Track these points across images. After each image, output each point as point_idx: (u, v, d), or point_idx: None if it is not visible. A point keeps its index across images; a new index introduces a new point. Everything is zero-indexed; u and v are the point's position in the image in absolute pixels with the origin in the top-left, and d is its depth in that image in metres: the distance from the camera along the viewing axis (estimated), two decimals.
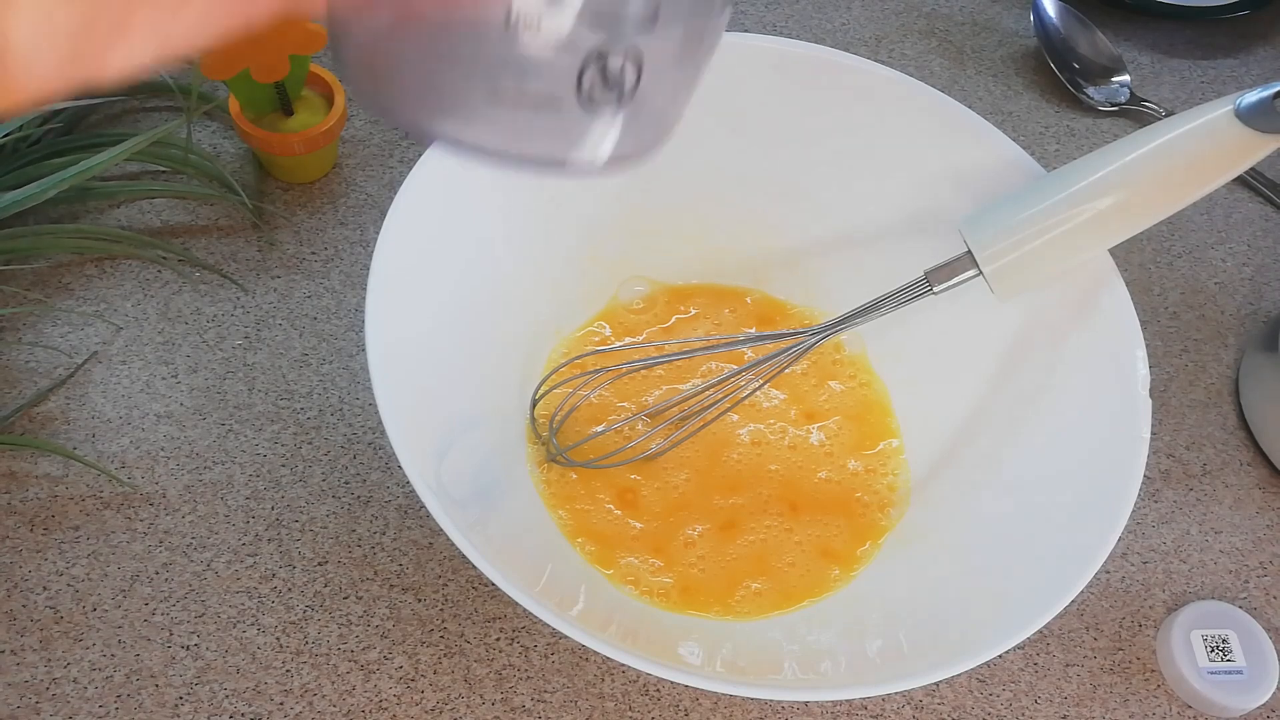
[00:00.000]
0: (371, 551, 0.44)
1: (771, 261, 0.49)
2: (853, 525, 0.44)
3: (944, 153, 0.44)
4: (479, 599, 0.43)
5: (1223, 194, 0.60)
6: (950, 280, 0.40)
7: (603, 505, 0.43)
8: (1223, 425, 0.51)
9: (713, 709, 0.41)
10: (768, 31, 0.64)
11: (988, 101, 0.62)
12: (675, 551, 0.42)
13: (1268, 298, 0.56)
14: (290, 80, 0.49)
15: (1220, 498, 0.49)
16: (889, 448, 0.46)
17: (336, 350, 0.49)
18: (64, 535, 0.43)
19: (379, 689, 0.41)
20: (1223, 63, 0.66)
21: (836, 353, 0.49)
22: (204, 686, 0.40)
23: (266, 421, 0.46)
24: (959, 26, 0.66)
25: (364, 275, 0.37)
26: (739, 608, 0.41)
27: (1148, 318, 0.55)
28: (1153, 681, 0.44)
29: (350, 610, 0.42)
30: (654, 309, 0.49)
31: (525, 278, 0.45)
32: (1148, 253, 0.57)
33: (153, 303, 0.49)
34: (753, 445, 0.46)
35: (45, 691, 0.40)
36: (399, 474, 0.45)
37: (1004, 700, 0.43)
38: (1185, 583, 0.46)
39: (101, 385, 0.47)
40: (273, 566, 0.43)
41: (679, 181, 0.47)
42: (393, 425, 0.34)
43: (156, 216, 0.52)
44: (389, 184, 0.54)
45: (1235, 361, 0.54)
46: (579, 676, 0.42)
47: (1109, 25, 0.65)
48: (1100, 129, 0.62)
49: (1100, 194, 0.39)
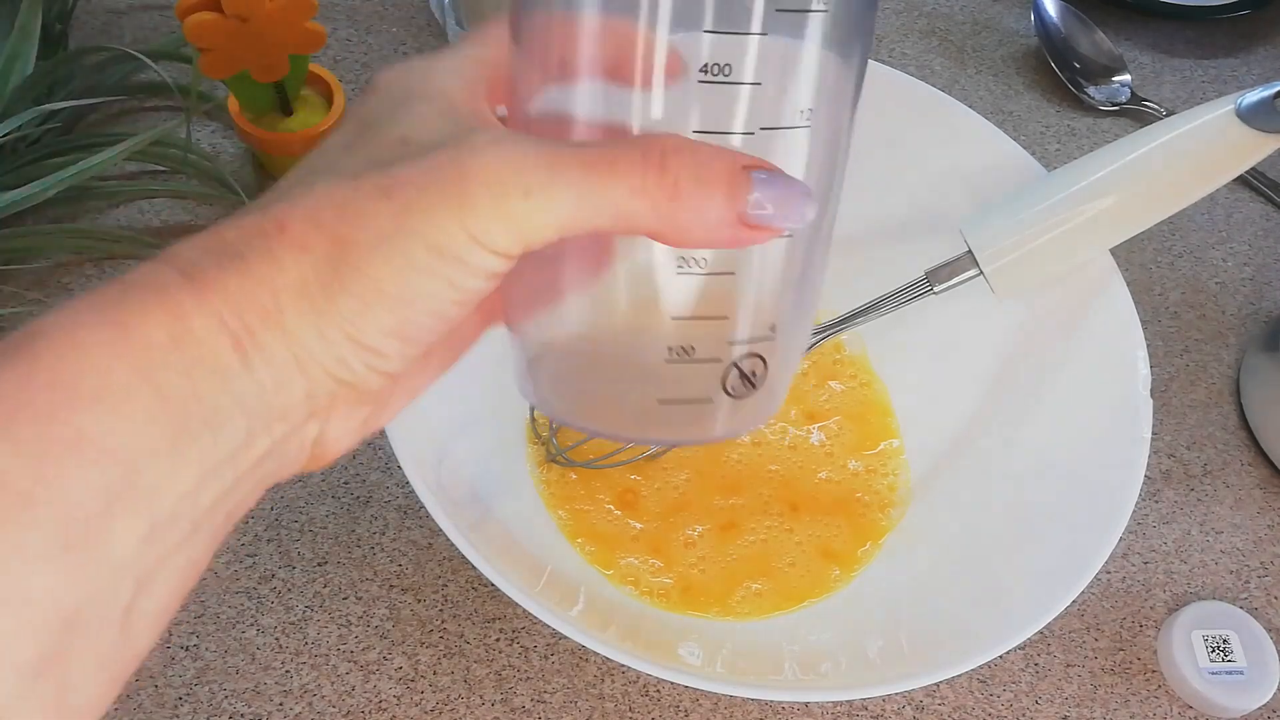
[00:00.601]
0: (371, 552, 0.44)
1: None
2: (853, 525, 0.44)
3: (944, 152, 0.44)
4: (479, 599, 0.43)
5: (1223, 194, 0.60)
6: (951, 280, 0.40)
7: (603, 505, 0.43)
8: (1223, 425, 0.51)
9: (713, 709, 0.41)
10: None
11: (988, 101, 0.62)
12: (675, 552, 0.42)
13: (1268, 298, 0.56)
14: (290, 80, 0.49)
15: (1221, 498, 0.49)
16: (889, 448, 0.46)
17: None
18: None
19: (378, 689, 0.41)
20: (1223, 62, 0.66)
21: (836, 353, 0.48)
22: (203, 687, 0.40)
23: None
24: (959, 26, 0.66)
25: None
26: (739, 608, 0.41)
27: (1148, 318, 0.55)
28: (1153, 682, 0.44)
29: (350, 611, 0.42)
30: None
31: None
32: (1148, 253, 0.57)
33: None
34: (753, 445, 0.46)
35: None
36: (399, 474, 0.45)
37: (1004, 700, 0.43)
38: (1186, 583, 0.46)
39: None
40: (272, 567, 0.43)
41: None
42: (393, 425, 0.34)
43: (156, 216, 0.52)
44: None
45: (1236, 361, 0.53)
46: (579, 677, 0.42)
47: (1110, 25, 0.65)
48: (1101, 129, 0.62)
49: (1100, 194, 0.39)
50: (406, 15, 0.62)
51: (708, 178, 0.21)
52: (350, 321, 0.20)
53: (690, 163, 0.21)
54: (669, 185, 0.21)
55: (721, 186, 0.21)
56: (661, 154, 0.21)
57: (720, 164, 0.21)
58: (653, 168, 0.21)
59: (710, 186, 0.21)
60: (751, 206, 0.21)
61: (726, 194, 0.21)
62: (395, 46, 0.60)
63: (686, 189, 0.21)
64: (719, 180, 0.21)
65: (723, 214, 0.21)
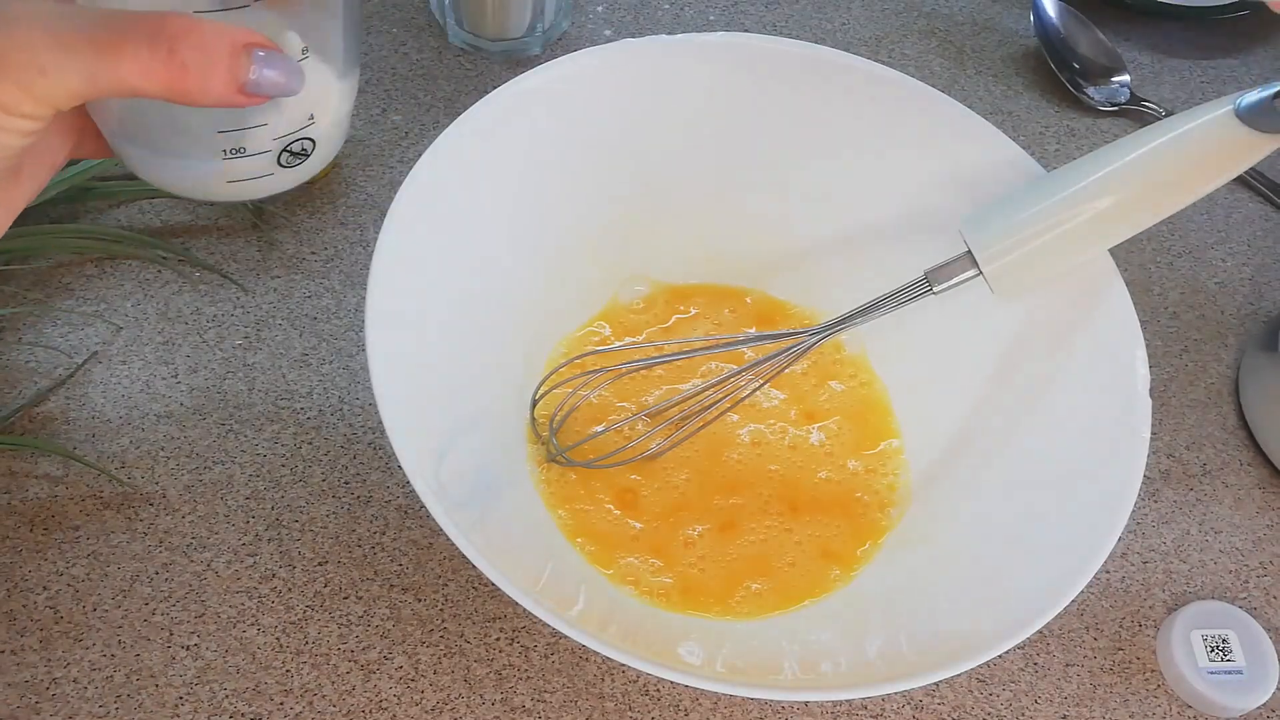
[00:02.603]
0: (371, 551, 0.44)
1: (771, 261, 0.49)
2: (853, 525, 0.44)
3: (944, 152, 0.44)
4: (479, 599, 0.43)
5: (1223, 194, 0.60)
6: (950, 280, 0.40)
7: (603, 505, 0.43)
8: (1223, 425, 0.51)
9: (713, 709, 0.41)
10: (768, 31, 0.64)
11: (988, 101, 0.62)
12: (675, 551, 0.42)
13: (1268, 298, 0.56)
14: None
15: (1220, 498, 0.49)
16: (889, 448, 0.46)
17: (336, 350, 0.49)
18: (64, 535, 0.43)
19: (379, 689, 0.41)
20: (1223, 63, 0.67)
21: (836, 353, 0.49)
22: (204, 686, 0.40)
23: (266, 421, 0.46)
24: (959, 26, 0.66)
25: (364, 275, 0.37)
26: (739, 608, 0.41)
27: (1148, 318, 0.55)
28: (1153, 681, 0.44)
29: (350, 610, 0.42)
30: (654, 309, 0.49)
31: (525, 278, 0.45)
32: (1148, 253, 0.57)
33: (153, 303, 0.49)
34: (753, 445, 0.46)
35: (45, 691, 0.40)
36: (399, 474, 0.45)
37: (1004, 700, 0.43)
38: (1185, 583, 0.46)
39: (101, 385, 0.47)
40: (273, 566, 0.43)
41: (679, 181, 0.47)
42: (393, 425, 0.34)
43: (156, 216, 0.52)
44: (389, 184, 0.54)
45: (1235, 361, 0.54)
46: (579, 676, 0.42)
47: (1109, 25, 0.65)
48: (1100, 129, 0.62)
49: (1100, 194, 0.39)
50: (406, 15, 0.62)
51: (213, 58, 0.25)
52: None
53: (196, 44, 0.24)
54: (177, 66, 0.24)
55: (224, 64, 0.25)
56: (170, 38, 0.24)
57: (224, 44, 0.25)
58: (160, 51, 0.24)
59: (215, 65, 0.25)
60: (249, 82, 0.25)
61: (228, 70, 0.25)
62: (395, 47, 0.60)
63: (193, 68, 0.24)
64: (222, 59, 0.25)
65: (225, 86, 0.25)
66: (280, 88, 0.26)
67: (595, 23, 0.63)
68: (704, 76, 0.45)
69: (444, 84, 0.59)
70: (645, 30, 0.63)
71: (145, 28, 0.24)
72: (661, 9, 0.64)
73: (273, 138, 0.30)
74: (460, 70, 0.60)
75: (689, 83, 0.45)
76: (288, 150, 0.31)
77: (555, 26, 0.61)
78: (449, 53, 0.60)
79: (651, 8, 0.64)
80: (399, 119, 0.57)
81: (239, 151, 0.30)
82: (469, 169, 0.41)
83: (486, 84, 0.59)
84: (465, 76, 0.59)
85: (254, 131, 0.30)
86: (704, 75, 0.45)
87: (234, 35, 0.25)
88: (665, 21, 0.64)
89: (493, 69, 0.60)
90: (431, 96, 0.58)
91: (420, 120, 0.57)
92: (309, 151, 0.32)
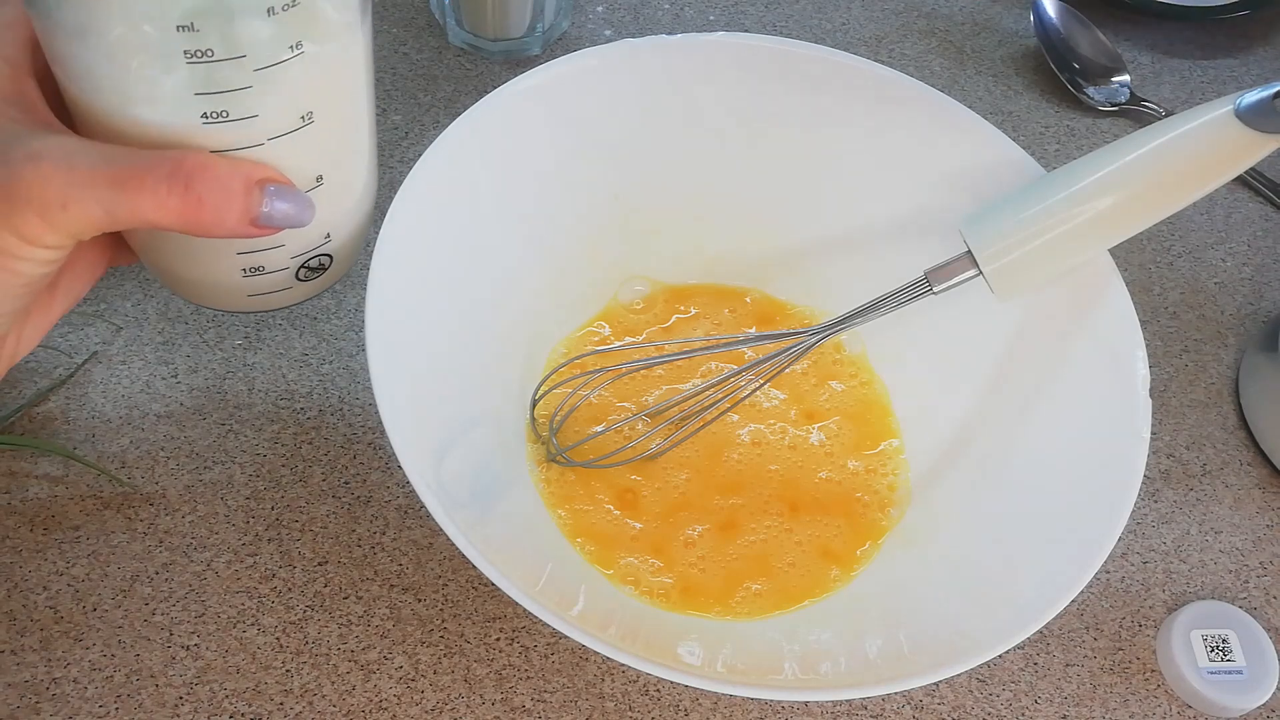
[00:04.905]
0: (371, 551, 0.44)
1: (771, 261, 0.49)
2: (853, 525, 0.44)
3: (944, 153, 0.44)
4: (479, 599, 0.43)
5: (1223, 194, 0.60)
6: (950, 280, 0.40)
7: (602, 505, 0.43)
8: (1223, 425, 0.51)
9: (713, 709, 0.41)
10: (768, 31, 0.64)
11: (988, 101, 0.62)
12: (675, 551, 0.42)
13: (1268, 298, 0.56)
14: None
15: (1220, 498, 0.49)
16: (889, 448, 0.46)
17: (336, 350, 0.49)
18: (64, 535, 0.43)
19: (379, 689, 0.41)
20: (1223, 63, 0.67)
21: (836, 353, 0.49)
22: (204, 686, 0.40)
23: (266, 421, 0.46)
24: (959, 26, 0.66)
25: (364, 275, 0.37)
26: (739, 608, 0.41)
27: (1148, 318, 0.55)
28: (1153, 681, 0.44)
29: (350, 610, 0.42)
30: (654, 309, 0.49)
31: (525, 278, 0.45)
32: (1148, 253, 0.57)
33: (153, 303, 0.49)
34: (753, 445, 0.46)
35: (45, 691, 0.40)
36: (399, 474, 0.45)
37: (1004, 700, 0.43)
38: (1185, 583, 0.46)
39: (101, 385, 0.47)
40: (273, 566, 0.43)
41: (679, 182, 0.47)
42: (393, 425, 0.34)
43: None
44: (389, 184, 0.54)
45: (1235, 361, 0.54)
46: (579, 676, 0.42)
47: (1109, 25, 0.65)
48: (1100, 129, 0.62)
49: (1100, 194, 0.39)
50: (407, 15, 0.62)
51: (227, 193, 0.26)
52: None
53: (212, 181, 0.25)
54: (193, 201, 0.25)
55: (239, 200, 0.26)
56: (187, 175, 0.25)
57: (238, 181, 0.26)
58: (178, 187, 0.25)
59: (229, 201, 0.26)
60: (262, 215, 0.27)
61: (243, 205, 0.26)
62: (395, 47, 0.60)
63: (209, 204, 0.25)
64: (236, 195, 0.26)
65: (238, 220, 0.26)
66: (291, 219, 0.28)
67: (595, 23, 0.63)
68: (704, 76, 0.45)
69: (444, 84, 0.59)
70: (645, 30, 0.63)
71: (164, 165, 0.25)
72: (661, 9, 0.64)
73: (290, 256, 0.31)
74: (460, 70, 0.60)
75: (689, 83, 0.45)
76: (305, 266, 0.32)
77: (555, 26, 0.61)
78: (449, 53, 0.60)
79: (651, 8, 0.64)
80: (399, 119, 0.57)
81: (258, 270, 0.31)
82: (469, 169, 0.41)
83: (486, 84, 0.59)
84: (465, 76, 0.59)
85: (271, 251, 0.30)
86: (704, 75, 0.45)
87: (248, 171, 0.26)
88: (665, 21, 0.64)
89: (493, 69, 0.60)
90: (431, 96, 0.58)
91: (420, 120, 0.57)
92: (326, 266, 0.33)
